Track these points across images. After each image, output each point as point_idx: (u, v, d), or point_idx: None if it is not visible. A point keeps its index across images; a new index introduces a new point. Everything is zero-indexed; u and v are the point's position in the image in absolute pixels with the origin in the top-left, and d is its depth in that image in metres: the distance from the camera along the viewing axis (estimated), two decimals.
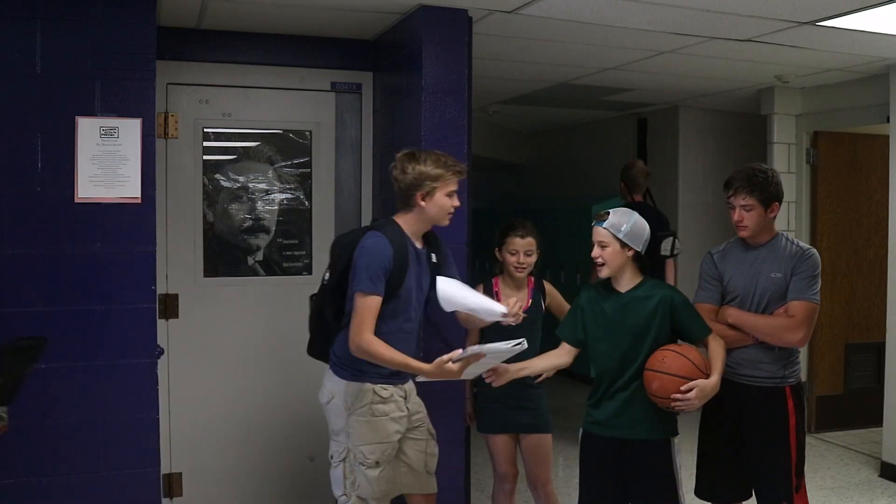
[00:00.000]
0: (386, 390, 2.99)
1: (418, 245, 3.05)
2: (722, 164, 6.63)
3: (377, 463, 2.96)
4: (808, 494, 4.76)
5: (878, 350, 5.61)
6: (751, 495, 3.30)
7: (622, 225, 2.98)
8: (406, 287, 2.96)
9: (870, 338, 6.09)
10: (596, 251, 3.02)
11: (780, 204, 3.20)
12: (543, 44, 4.56)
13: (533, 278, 3.72)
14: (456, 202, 3.01)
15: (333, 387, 3.01)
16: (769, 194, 3.15)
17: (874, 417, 5.36)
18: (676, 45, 4.55)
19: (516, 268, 3.61)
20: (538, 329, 3.64)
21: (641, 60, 4.99)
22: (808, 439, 5.93)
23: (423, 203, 2.94)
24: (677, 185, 7.05)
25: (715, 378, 2.92)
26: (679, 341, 3.06)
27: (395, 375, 2.99)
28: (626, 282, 3.05)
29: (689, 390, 2.86)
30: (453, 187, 2.98)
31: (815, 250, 3.21)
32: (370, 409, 2.96)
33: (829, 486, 4.99)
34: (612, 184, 7.86)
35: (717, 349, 3.00)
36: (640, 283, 3.06)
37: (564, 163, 8.80)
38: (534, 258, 3.63)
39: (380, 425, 2.97)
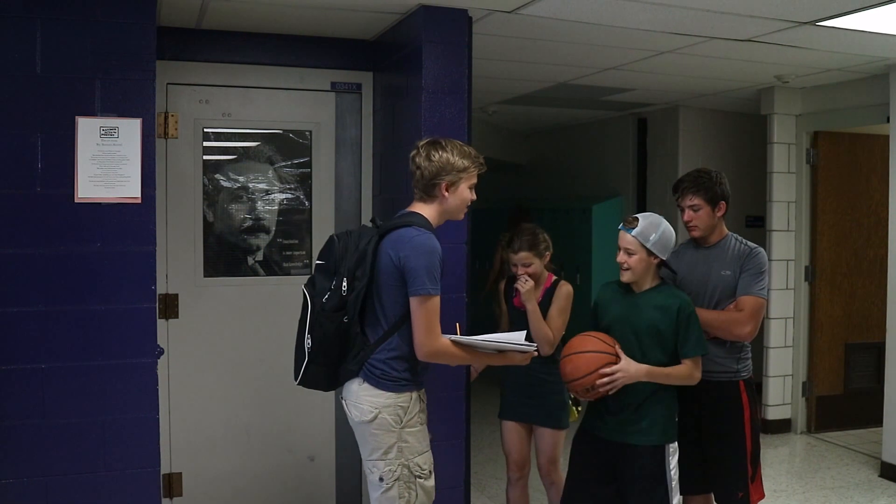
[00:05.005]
0: (424, 395, 2.88)
1: None
2: (722, 164, 6.61)
3: (430, 472, 2.82)
4: (808, 494, 4.77)
5: (878, 350, 5.61)
6: (711, 489, 3.38)
7: (651, 234, 2.99)
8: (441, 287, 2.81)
9: (870, 338, 6.09)
10: (622, 257, 3.02)
11: (727, 203, 3.36)
12: (543, 44, 4.56)
13: (553, 277, 3.73)
14: (474, 196, 2.89)
15: (378, 401, 2.75)
16: (715, 194, 3.32)
17: (874, 417, 5.37)
18: (676, 45, 4.55)
19: (520, 279, 3.63)
20: None
21: (641, 60, 4.99)
22: (808, 439, 6.00)
23: (446, 194, 2.79)
24: None
25: (643, 368, 2.96)
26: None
27: (422, 379, 2.89)
28: (645, 284, 3.08)
29: (612, 372, 2.92)
30: (475, 180, 2.86)
31: (762, 249, 3.36)
32: (419, 418, 2.82)
33: (829, 486, 4.99)
34: (612, 184, 7.88)
35: (681, 368, 3.01)
36: (658, 286, 3.09)
37: (564, 163, 8.79)
38: (534, 267, 3.61)
39: (425, 432, 2.85)
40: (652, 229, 3.00)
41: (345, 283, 2.74)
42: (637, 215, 3.07)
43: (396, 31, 4.03)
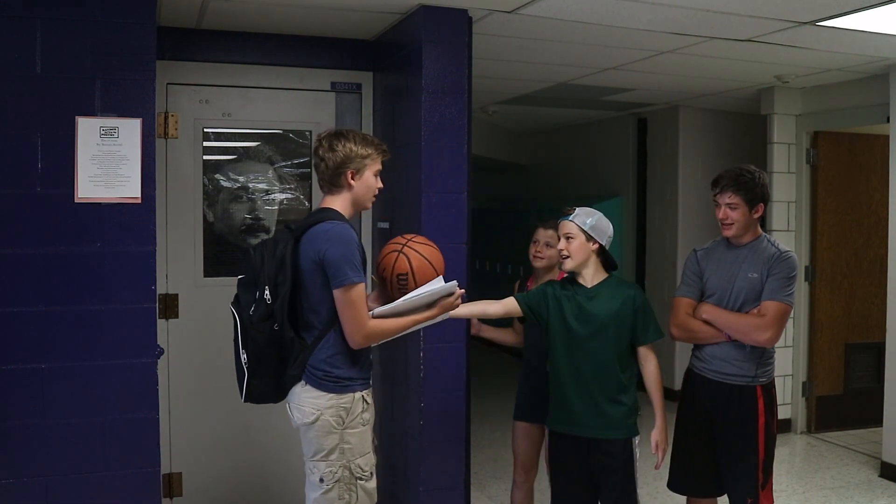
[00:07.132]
0: (369, 396, 2.87)
1: None
2: (722, 164, 6.58)
3: (372, 474, 2.83)
4: (809, 494, 4.77)
5: (878, 350, 5.61)
6: (723, 492, 3.35)
7: (587, 218, 3.14)
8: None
9: (870, 338, 6.09)
10: (562, 244, 3.15)
11: (765, 205, 3.28)
12: (543, 44, 4.56)
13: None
14: (380, 184, 2.95)
15: (319, 403, 2.76)
16: (754, 195, 3.22)
17: (874, 417, 5.37)
18: (676, 45, 4.55)
19: (534, 256, 3.67)
20: None
21: (641, 60, 4.99)
22: (808, 439, 5.99)
23: (353, 182, 2.84)
24: (677, 185, 7.05)
25: (658, 423, 3.14)
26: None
27: (369, 378, 2.90)
28: (591, 277, 3.16)
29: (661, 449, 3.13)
30: (379, 167, 2.91)
31: (793, 253, 3.25)
32: (361, 419, 2.81)
33: (829, 486, 4.99)
34: (612, 184, 7.89)
35: (652, 384, 3.12)
36: (606, 280, 3.16)
37: (564, 163, 8.80)
38: (551, 252, 3.58)
39: (367, 434, 2.84)
40: (588, 215, 3.15)
41: (267, 292, 2.73)
42: (574, 208, 3.20)
43: (396, 31, 4.03)
